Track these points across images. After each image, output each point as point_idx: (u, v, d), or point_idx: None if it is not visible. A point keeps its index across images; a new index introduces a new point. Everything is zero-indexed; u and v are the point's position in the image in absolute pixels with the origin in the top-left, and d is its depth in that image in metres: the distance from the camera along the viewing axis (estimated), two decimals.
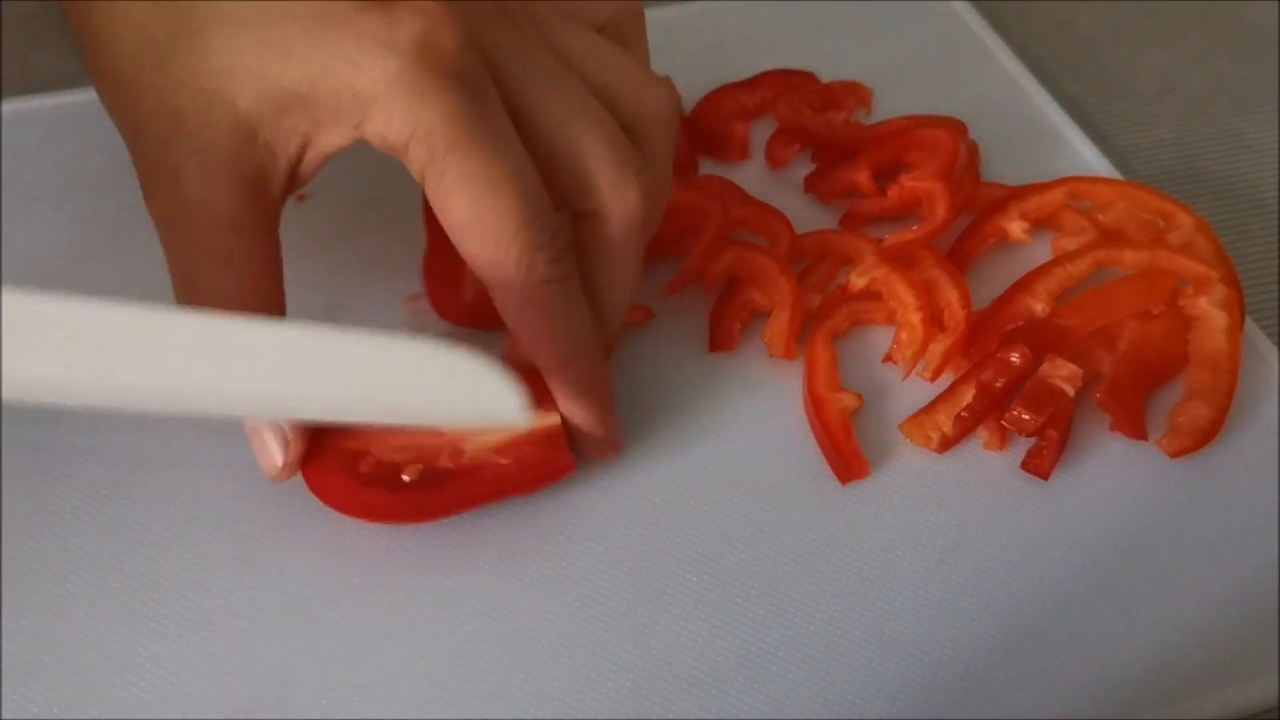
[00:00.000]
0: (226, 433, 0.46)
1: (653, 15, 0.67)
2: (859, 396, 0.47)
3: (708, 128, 0.59)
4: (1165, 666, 0.40)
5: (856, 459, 0.45)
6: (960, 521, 0.44)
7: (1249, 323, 0.50)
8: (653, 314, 0.51)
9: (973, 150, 0.56)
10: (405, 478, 0.41)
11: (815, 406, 0.46)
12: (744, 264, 0.51)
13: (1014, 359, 0.46)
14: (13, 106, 0.59)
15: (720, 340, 0.50)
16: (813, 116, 0.59)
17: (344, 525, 0.43)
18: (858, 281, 0.50)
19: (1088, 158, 0.59)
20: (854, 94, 0.61)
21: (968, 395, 0.46)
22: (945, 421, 0.46)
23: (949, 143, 0.54)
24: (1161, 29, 0.74)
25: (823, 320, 0.49)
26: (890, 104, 0.62)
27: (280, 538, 0.43)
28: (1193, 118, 0.68)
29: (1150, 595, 0.42)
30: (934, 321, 0.49)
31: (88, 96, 0.59)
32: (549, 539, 0.43)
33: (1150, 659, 0.40)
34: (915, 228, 0.52)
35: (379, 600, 0.41)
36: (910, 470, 0.46)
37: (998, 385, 0.46)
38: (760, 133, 0.60)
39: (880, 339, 0.50)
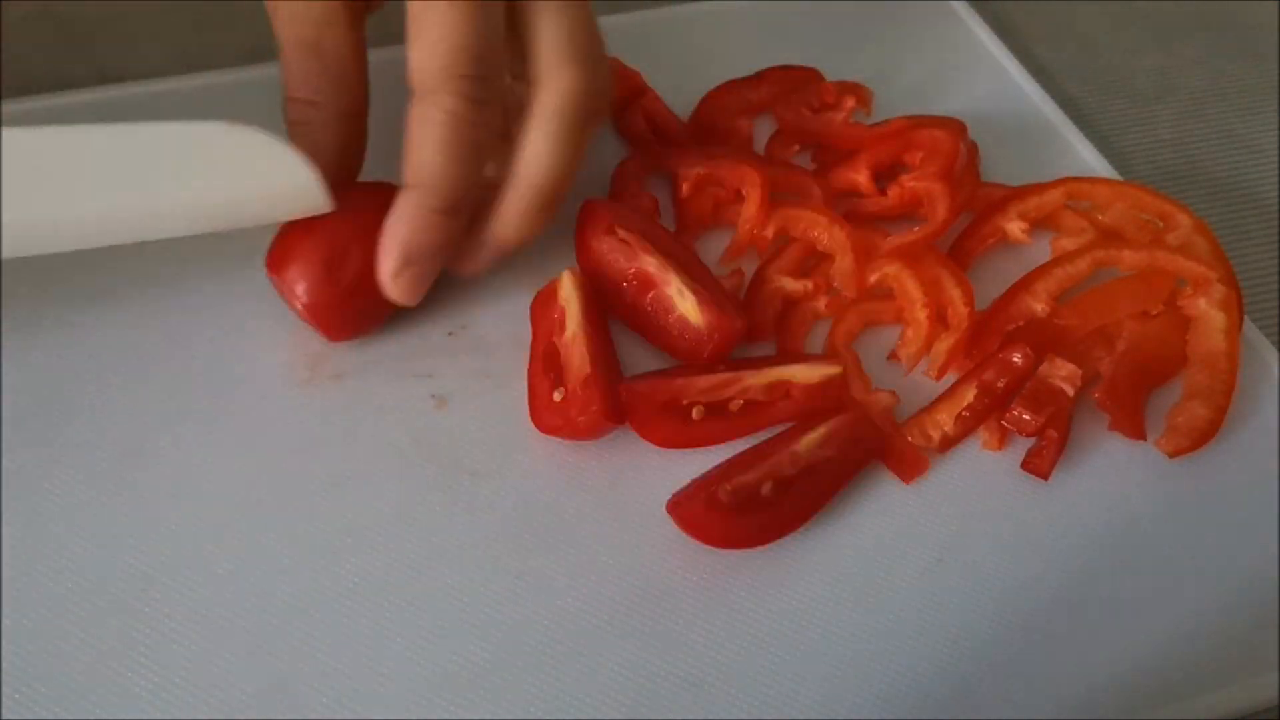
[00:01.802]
0: (222, 419, 0.46)
1: (654, 15, 0.67)
2: (894, 394, 0.47)
3: (711, 124, 0.59)
4: (1165, 665, 0.40)
5: (915, 455, 0.46)
6: (959, 521, 0.44)
7: (1248, 323, 0.50)
8: None
9: (972, 150, 0.56)
10: (763, 493, 0.43)
11: (858, 407, 0.47)
12: (795, 221, 0.52)
13: (1016, 359, 0.46)
14: (13, 107, 0.59)
15: (756, 331, 0.50)
16: (812, 117, 0.59)
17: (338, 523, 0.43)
18: (869, 277, 0.50)
19: (1086, 158, 0.59)
20: (853, 94, 0.61)
21: (969, 395, 0.46)
22: (946, 420, 0.46)
23: (949, 143, 0.54)
24: (1161, 29, 0.74)
25: (838, 324, 0.49)
26: (890, 104, 0.62)
27: (280, 530, 0.43)
28: (1192, 118, 0.68)
29: (1149, 595, 0.42)
30: (939, 319, 0.49)
31: (88, 97, 0.59)
32: (543, 541, 0.43)
33: (1150, 658, 0.41)
34: (917, 228, 0.52)
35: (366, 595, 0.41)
36: None
37: (999, 385, 0.46)
38: (764, 129, 0.60)
39: (877, 337, 0.50)
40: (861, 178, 0.55)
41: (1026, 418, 0.45)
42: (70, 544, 0.42)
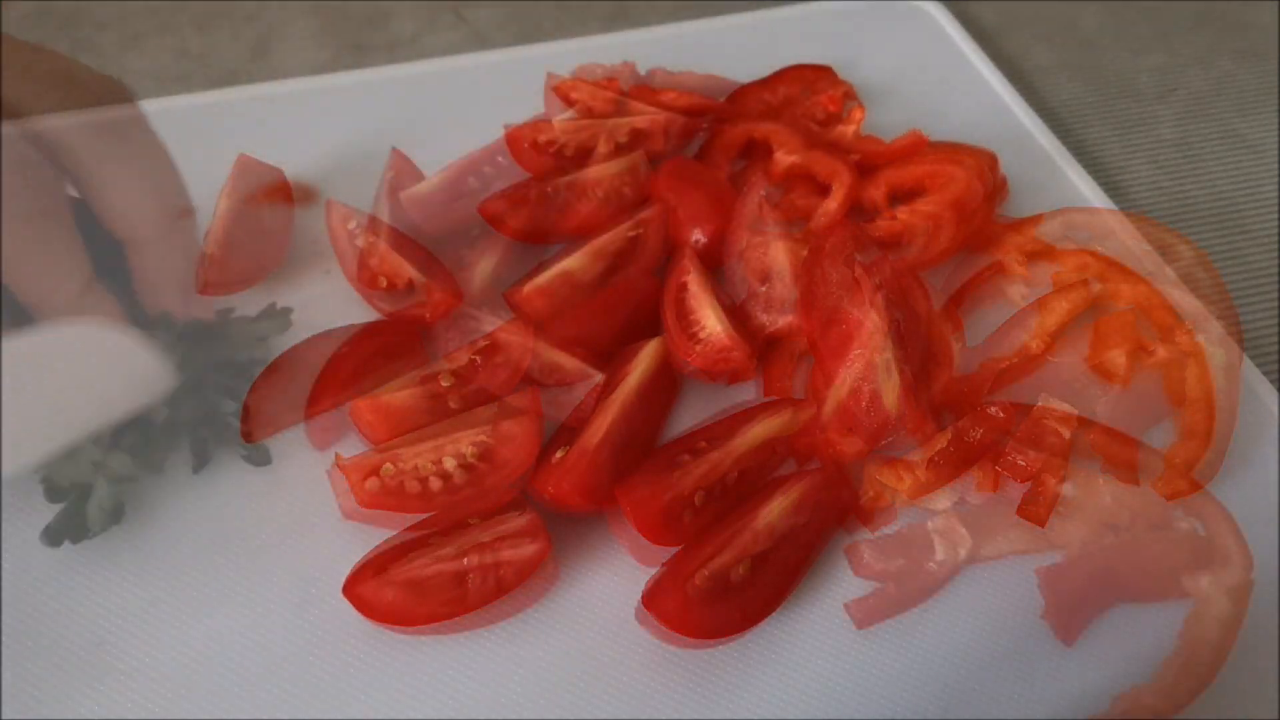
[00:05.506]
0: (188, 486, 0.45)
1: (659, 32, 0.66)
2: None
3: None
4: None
5: (883, 505, 0.45)
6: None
7: (1245, 361, 0.49)
8: None
9: (1001, 185, 0.54)
10: (740, 573, 0.41)
11: (830, 450, 0.46)
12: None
13: (994, 412, 0.45)
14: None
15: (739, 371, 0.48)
16: (821, 132, 0.58)
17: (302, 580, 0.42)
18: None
19: (1080, 187, 0.57)
20: (848, 96, 0.60)
21: (942, 441, 0.45)
22: (919, 465, 0.45)
23: (974, 172, 0.53)
24: (1161, 30, 0.73)
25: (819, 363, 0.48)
26: (884, 111, 0.61)
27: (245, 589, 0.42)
28: (1193, 118, 0.67)
29: (1144, 638, 0.42)
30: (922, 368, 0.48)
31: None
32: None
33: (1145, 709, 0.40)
34: (915, 253, 0.51)
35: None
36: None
37: (975, 435, 0.45)
38: None
39: None
40: (878, 195, 0.54)
41: (1021, 463, 0.44)
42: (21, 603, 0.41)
